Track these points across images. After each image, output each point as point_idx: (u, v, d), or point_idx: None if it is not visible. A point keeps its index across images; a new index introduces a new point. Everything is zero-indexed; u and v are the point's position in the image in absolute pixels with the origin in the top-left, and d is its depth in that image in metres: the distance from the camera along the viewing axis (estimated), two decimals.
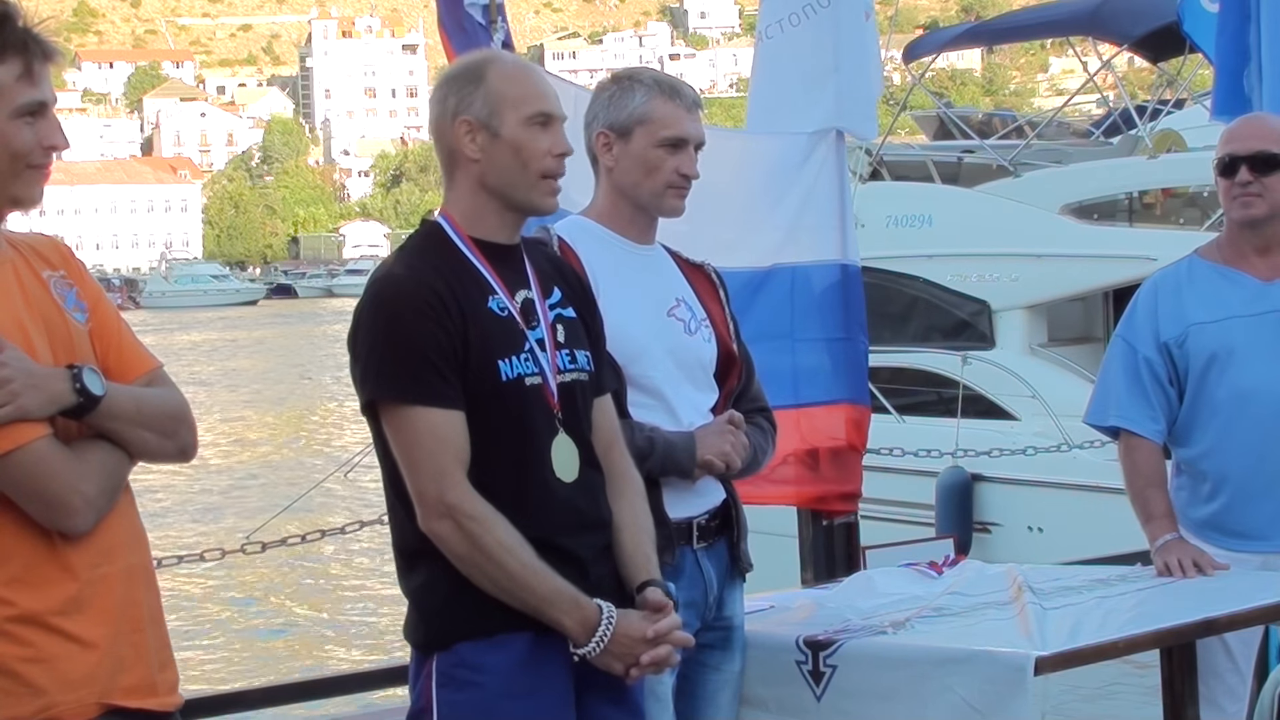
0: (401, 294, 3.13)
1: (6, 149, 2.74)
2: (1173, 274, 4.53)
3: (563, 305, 3.29)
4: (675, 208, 3.73)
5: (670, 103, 3.70)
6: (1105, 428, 4.52)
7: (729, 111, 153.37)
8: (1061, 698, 7.18)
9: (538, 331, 3.20)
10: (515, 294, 3.21)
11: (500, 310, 3.18)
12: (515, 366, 3.15)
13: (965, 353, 12.91)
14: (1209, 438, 4.39)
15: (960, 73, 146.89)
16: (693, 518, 3.67)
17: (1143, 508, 4.41)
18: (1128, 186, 13.80)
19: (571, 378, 3.23)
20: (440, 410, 3.08)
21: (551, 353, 3.21)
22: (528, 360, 3.17)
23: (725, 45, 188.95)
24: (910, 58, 15.73)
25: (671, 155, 3.69)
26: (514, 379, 3.15)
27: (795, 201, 5.61)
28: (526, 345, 3.18)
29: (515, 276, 3.23)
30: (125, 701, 2.77)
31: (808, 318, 5.58)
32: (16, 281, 2.79)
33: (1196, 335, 4.38)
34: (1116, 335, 4.54)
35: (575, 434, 3.21)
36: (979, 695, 3.45)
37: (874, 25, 5.82)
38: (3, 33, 2.73)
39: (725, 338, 3.79)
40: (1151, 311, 4.45)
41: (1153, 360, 4.41)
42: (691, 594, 3.64)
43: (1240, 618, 3.99)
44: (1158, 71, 16.37)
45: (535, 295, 3.24)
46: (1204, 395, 4.38)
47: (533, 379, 3.17)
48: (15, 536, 2.68)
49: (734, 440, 3.66)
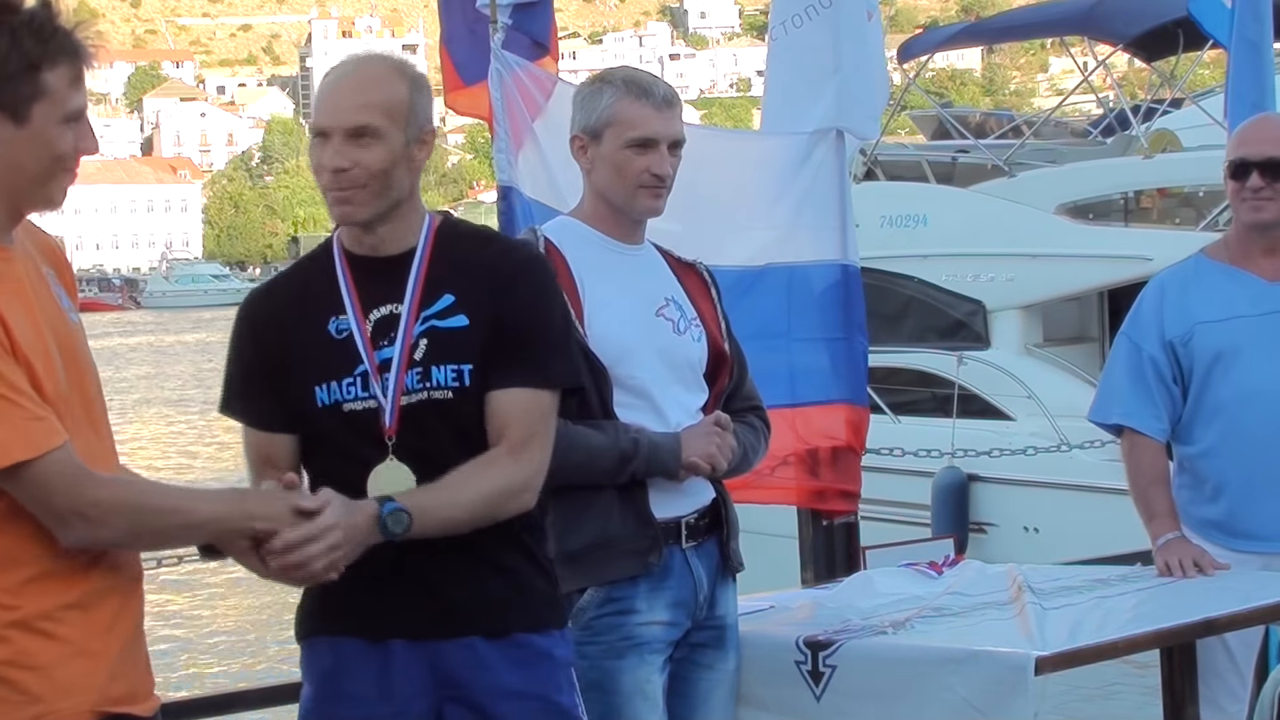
0: (240, 310, 3.23)
1: (51, 152, 2.74)
2: (1179, 273, 4.53)
3: (449, 314, 3.10)
4: (649, 208, 3.69)
5: (637, 103, 3.66)
6: (1108, 425, 4.52)
7: (729, 111, 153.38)
8: (1061, 698, 7.19)
9: (388, 351, 3.07)
10: (371, 312, 3.11)
11: (338, 332, 3.10)
12: (333, 392, 3.07)
13: (960, 353, 12.91)
14: (1211, 437, 4.39)
15: (960, 73, 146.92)
16: (681, 517, 3.65)
17: (1145, 506, 4.41)
18: (1123, 186, 13.80)
19: (420, 398, 3.06)
20: (244, 425, 3.19)
21: (400, 374, 3.06)
22: (352, 385, 3.07)
23: (725, 45, 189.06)
24: (905, 57, 15.74)
25: (640, 155, 3.64)
26: (330, 405, 3.07)
27: (793, 201, 5.60)
28: (357, 369, 3.07)
29: (387, 290, 3.11)
30: (115, 708, 2.77)
31: (806, 317, 5.57)
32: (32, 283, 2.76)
33: (1201, 334, 4.38)
34: (1121, 333, 4.54)
35: (419, 458, 3.04)
36: (979, 695, 3.46)
37: (878, 25, 5.80)
38: (56, 38, 2.74)
39: (716, 337, 3.76)
40: (1157, 310, 4.45)
41: (1157, 358, 4.41)
42: (681, 594, 3.64)
43: (1240, 618, 3.99)
44: (1151, 71, 16.37)
45: (405, 309, 3.09)
46: (1207, 394, 4.38)
47: (356, 404, 3.06)
48: (24, 541, 2.66)
49: (720, 442, 3.63)
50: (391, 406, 3.05)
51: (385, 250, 3.13)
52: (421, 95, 3.13)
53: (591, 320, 3.58)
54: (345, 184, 3.07)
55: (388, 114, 3.06)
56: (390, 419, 3.05)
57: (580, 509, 3.57)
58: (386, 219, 3.11)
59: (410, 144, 3.09)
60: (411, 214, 3.15)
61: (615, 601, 3.58)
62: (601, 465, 3.54)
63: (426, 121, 3.15)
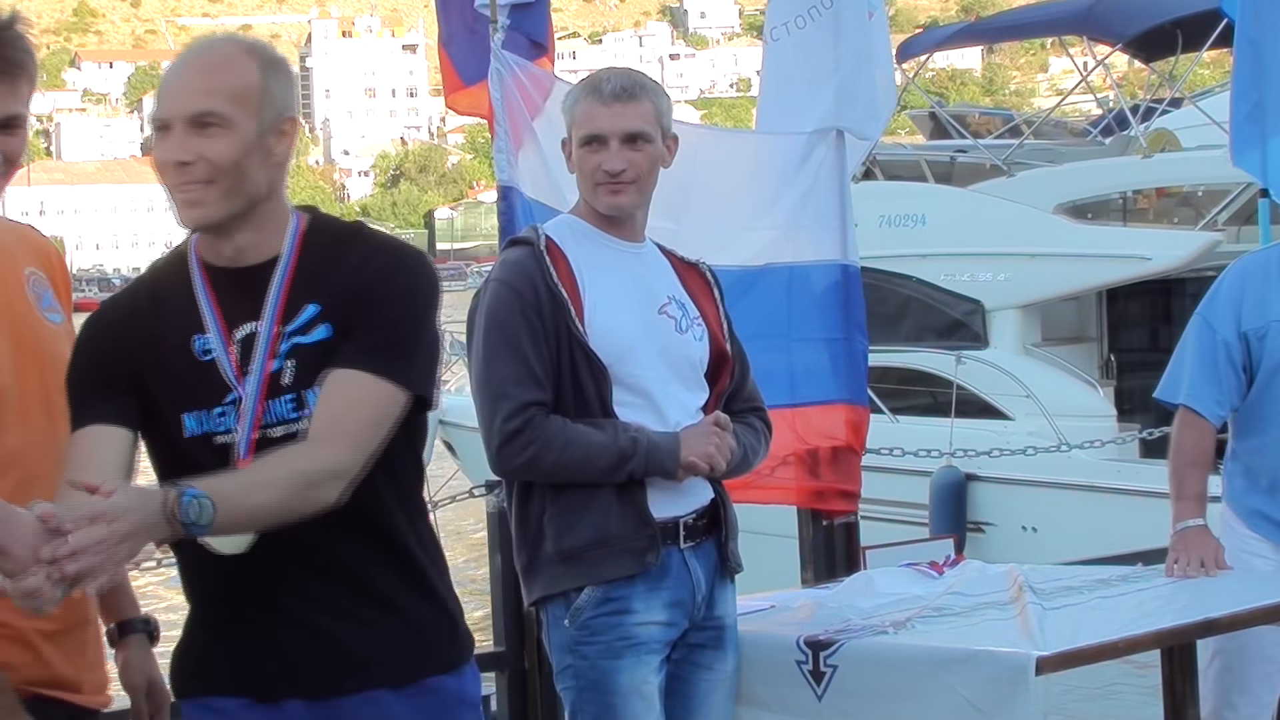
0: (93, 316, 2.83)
1: None
2: (1264, 259, 4.47)
3: (312, 327, 2.74)
4: (611, 205, 3.64)
5: (585, 100, 3.63)
6: (1174, 405, 4.49)
7: (729, 111, 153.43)
8: (1062, 698, 7.18)
9: (251, 378, 2.71)
10: (236, 330, 2.74)
11: (204, 354, 2.73)
12: (205, 422, 2.72)
13: (959, 352, 12.90)
14: (1271, 436, 4.38)
15: (960, 73, 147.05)
16: (679, 517, 3.64)
17: (1178, 484, 4.40)
18: (1121, 186, 13.80)
19: (284, 431, 2.70)
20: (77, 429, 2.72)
21: (259, 404, 2.71)
22: (222, 416, 2.72)
23: (725, 45, 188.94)
24: (905, 57, 15.73)
25: (593, 153, 3.61)
26: (200, 435, 2.72)
27: (793, 201, 5.60)
28: (227, 398, 2.71)
29: (248, 304, 2.74)
30: (49, 691, 2.80)
31: (806, 317, 5.57)
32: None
33: (1278, 332, 4.35)
34: (1197, 314, 4.48)
35: None
36: (980, 695, 3.46)
37: (883, 25, 5.78)
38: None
39: (718, 336, 3.76)
40: (1236, 297, 4.40)
41: (1230, 344, 4.38)
42: (679, 593, 3.64)
43: (1241, 618, 3.99)
44: (1150, 71, 16.37)
45: (266, 328, 2.73)
46: (1272, 392, 4.36)
47: (224, 437, 2.72)
48: None
49: (718, 442, 3.61)
50: (246, 439, 2.70)
51: (246, 260, 2.76)
52: (278, 80, 2.75)
53: (592, 318, 3.58)
54: (189, 179, 2.68)
55: (234, 99, 2.68)
56: (245, 451, 2.69)
57: (578, 507, 3.57)
58: (243, 223, 2.75)
59: (265, 134, 2.72)
60: (273, 217, 2.78)
61: (612, 601, 3.58)
62: (599, 464, 3.53)
63: (286, 109, 2.76)
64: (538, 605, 3.68)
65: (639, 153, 3.62)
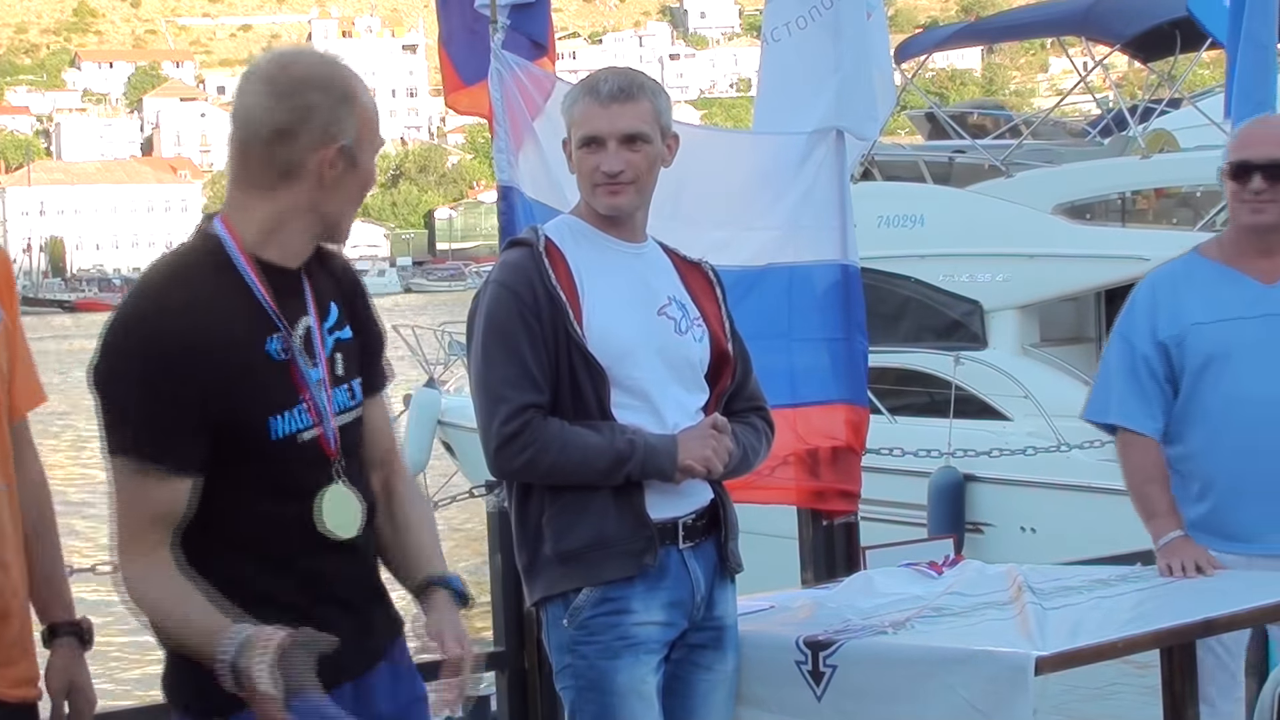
0: (137, 338, 2.68)
1: None
2: (1171, 271, 4.50)
3: (339, 326, 2.88)
4: (610, 205, 3.64)
5: (584, 100, 3.63)
6: (1104, 425, 4.52)
7: (729, 111, 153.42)
8: (1061, 698, 7.19)
9: (317, 370, 2.81)
10: (295, 327, 2.80)
11: (279, 354, 2.76)
12: (289, 422, 2.75)
13: (957, 353, 12.90)
14: (1199, 439, 4.38)
15: (960, 73, 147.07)
16: (678, 517, 3.64)
17: (1144, 505, 4.40)
18: (1120, 186, 13.81)
19: (351, 417, 2.87)
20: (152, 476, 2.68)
21: (328, 392, 2.82)
22: (303, 413, 2.77)
23: (725, 45, 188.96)
24: (904, 57, 15.72)
25: (591, 154, 3.62)
26: (286, 437, 2.75)
27: (793, 201, 5.59)
28: (304, 395, 2.78)
29: (296, 303, 2.81)
30: None
31: (806, 317, 5.56)
32: None
33: (1195, 336, 4.36)
34: (1115, 332, 4.52)
35: (355, 481, 2.86)
36: (979, 695, 3.46)
37: (882, 26, 5.77)
38: None
39: (719, 337, 3.75)
40: (1150, 309, 4.42)
41: (1150, 357, 4.39)
42: (678, 594, 3.64)
43: (1240, 618, 3.99)
44: (1148, 71, 16.37)
45: (313, 323, 2.83)
46: (1198, 396, 4.37)
47: (307, 433, 2.78)
48: None
49: (716, 445, 3.61)
50: (331, 427, 2.81)
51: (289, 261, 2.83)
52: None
53: (590, 320, 3.57)
54: None
55: None
56: (333, 441, 2.81)
57: (577, 509, 3.57)
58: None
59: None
60: None
61: (611, 601, 3.58)
62: (596, 466, 3.53)
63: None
64: (538, 605, 3.69)
65: (637, 153, 3.62)
